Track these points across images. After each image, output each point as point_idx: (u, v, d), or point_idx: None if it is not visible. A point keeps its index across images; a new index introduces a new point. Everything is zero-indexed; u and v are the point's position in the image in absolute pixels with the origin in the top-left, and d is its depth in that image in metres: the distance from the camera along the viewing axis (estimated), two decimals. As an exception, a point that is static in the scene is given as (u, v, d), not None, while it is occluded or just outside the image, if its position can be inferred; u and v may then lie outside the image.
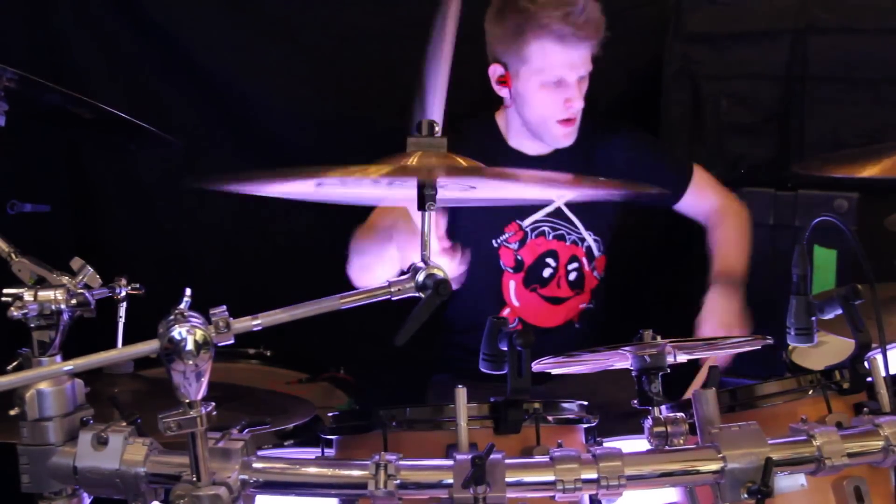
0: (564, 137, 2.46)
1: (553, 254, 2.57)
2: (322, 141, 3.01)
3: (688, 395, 1.65)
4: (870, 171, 1.69)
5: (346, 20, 2.97)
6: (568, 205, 2.54)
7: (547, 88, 2.39)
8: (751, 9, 2.80)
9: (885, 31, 2.70)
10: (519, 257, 2.56)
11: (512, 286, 2.58)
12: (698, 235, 3.05)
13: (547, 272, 2.57)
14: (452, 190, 1.50)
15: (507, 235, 2.55)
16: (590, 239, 2.58)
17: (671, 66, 2.85)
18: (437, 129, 1.46)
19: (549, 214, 2.56)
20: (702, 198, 2.66)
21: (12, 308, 1.38)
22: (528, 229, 2.55)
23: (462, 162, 1.48)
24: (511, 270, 2.57)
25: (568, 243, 2.57)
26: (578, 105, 2.40)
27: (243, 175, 1.48)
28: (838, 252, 2.64)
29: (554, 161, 2.52)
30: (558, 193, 2.34)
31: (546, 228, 2.56)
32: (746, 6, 2.81)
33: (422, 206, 1.39)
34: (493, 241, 2.55)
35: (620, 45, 2.95)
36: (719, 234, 2.64)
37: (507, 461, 1.40)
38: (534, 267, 2.57)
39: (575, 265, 2.58)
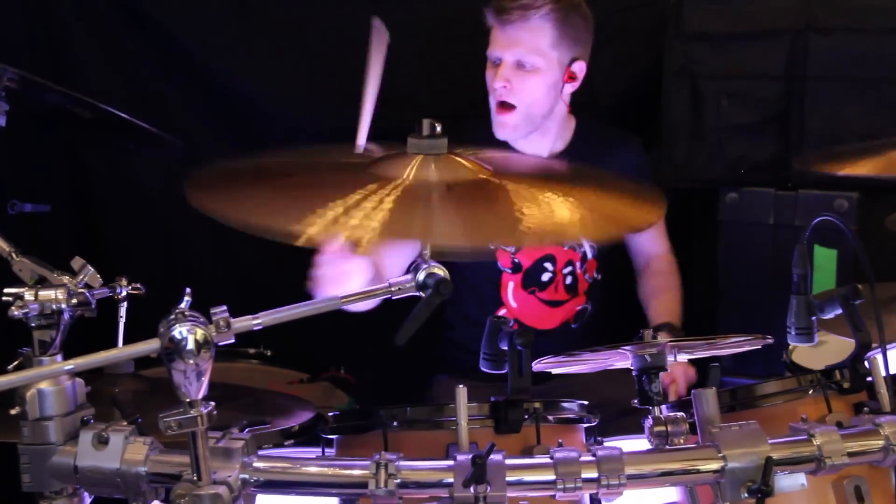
0: (502, 128, 2.45)
1: (551, 258, 2.57)
2: (322, 141, 3.01)
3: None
4: (870, 168, 1.69)
5: (346, 20, 2.96)
6: None
7: (490, 66, 2.45)
8: (751, 9, 2.80)
9: (885, 31, 2.70)
10: (516, 260, 2.56)
11: (510, 287, 2.58)
12: (694, 235, 3.07)
13: (546, 276, 2.57)
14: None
15: None
16: (586, 244, 2.58)
17: (671, 66, 2.85)
18: (437, 129, 1.45)
19: None
20: (656, 240, 2.71)
21: (13, 307, 1.38)
22: None
23: (463, 163, 1.48)
24: (509, 271, 2.57)
25: (566, 248, 2.57)
26: (503, 90, 2.40)
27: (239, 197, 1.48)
28: (838, 252, 2.64)
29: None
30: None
31: None
32: (746, 6, 2.81)
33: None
34: (490, 244, 2.55)
35: (620, 45, 2.97)
36: (657, 283, 2.67)
37: (508, 461, 1.40)
38: (532, 270, 2.57)
39: (569, 269, 2.59)
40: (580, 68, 2.47)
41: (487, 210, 1.43)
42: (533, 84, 2.41)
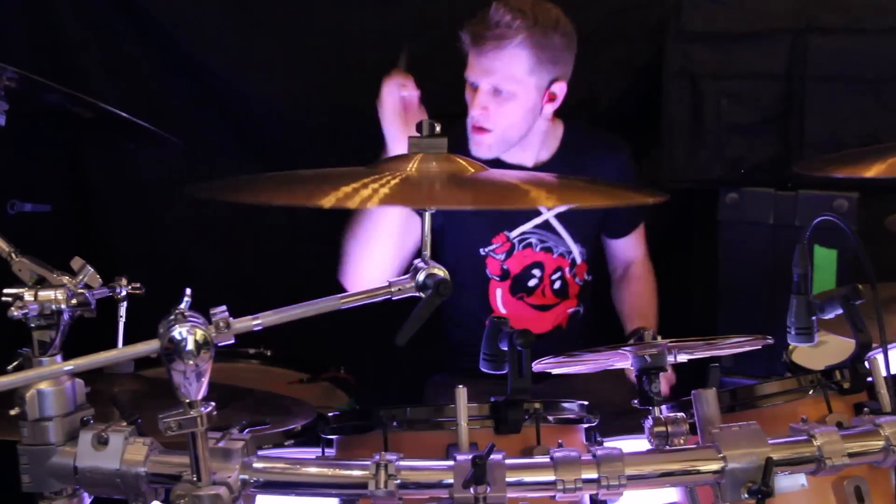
0: (477, 147, 2.41)
1: (539, 265, 2.57)
2: (322, 141, 3.01)
3: None
4: (872, 172, 1.69)
5: (347, 20, 2.97)
6: (557, 217, 2.54)
7: (468, 88, 2.43)
8: (751, 9, 2.80)
9: (885, 31, 2.70)
10: (505, 267, 2.56)
11: (499, 294, 2.58)
12: (694, 235, 3.07)
13: (532, 282, 2.58)
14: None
15: (494, 246, 2.54)
16: (576, 251, 2.58)
17: (671, 66, 2.84)
18: (437, 128, 1.45)
19: (537, 226, 2.55)
20: (635, 246, 2.72)
21: (13, 308, 1.38)
22: (515, 240, 2.54)
23: (462, 162, 1.48)
24: (497, 279, 2.57)
25: (555, 256, 2.57)
26: (479, 116, 2.37)
27: (242, 185, 1.48)
28: (838, 252, 2.64)
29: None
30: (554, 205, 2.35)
31: (533, 240, 2.55)
32: (746, 6, 2.81)
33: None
34: (481, 251, 2.55)
35: (620, 45, 2.97)
36: (635, 287, 2.68)
37: (508, 461, 1.40)
38: (520, 277, 2.57)
39: (558, 275, 2.59)
40: (560, 88, 2.43)
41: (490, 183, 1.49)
42: (510, 109, 2.38)
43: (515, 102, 2.37)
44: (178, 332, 1.26)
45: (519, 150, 2.49)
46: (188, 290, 1.31)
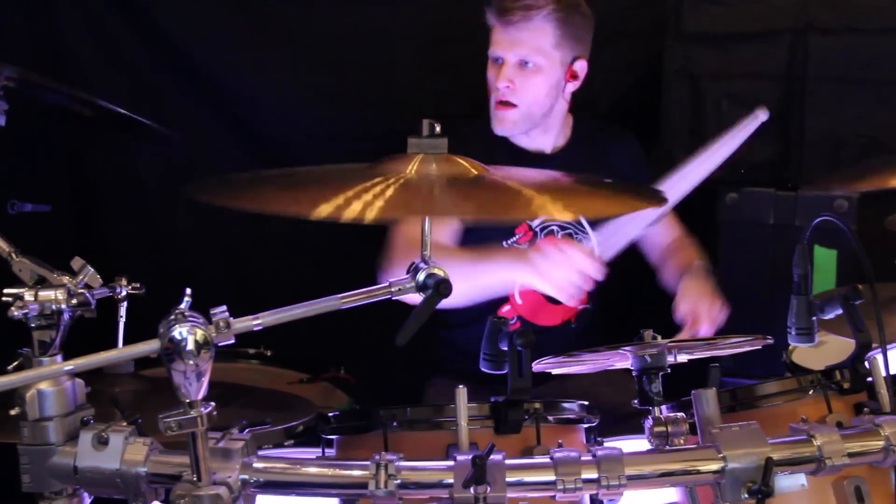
0: (501, 123, 2.45)
1: None
2: (322, 141, 3.02)
3: None
4: (869, 185, 1.69)
5: (346, 20, 2.97)
6: None
7: (491, 65, 2.45)
8: (751, 9, 2.81)
9: (885, 31, 2.70)
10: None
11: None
12: (694, 235, 3.06)
13: None
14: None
15: (517, 236, 2.54)
16: (594, 240, 2.57)
17: (671, 66, 2.85)
18: (437, 129, 1.45)
19: None
20: (666, 231, 2.67)
21: (13, 308, 1.38)
22: (537, 229, 2.54)
23: (463, 163, 1.48)
24: None
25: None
26: (505, 90, 2.39)
27: (243, 189, 1.48)
28: (838, 252, 2.64)
29: (552, 160, 2.52)
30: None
31: (555, 227, 2.55)
32: (746, 6, 2.81)
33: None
34: (504, 243, 2.55)
35: (620, 45, 2.98)
36: (681, 253, 2.62)
37: (508, 461, 1.40)
38: None
39: None
40: (581, 67, 2.47)
41: (492, 189, 1.45)
42: (535, 83, 2.41)
43: (541, 76, 2.40)
44: (178, 332, 1.26)
45: (541, 132, 2.51)
46: (188, 290, 1.31)
